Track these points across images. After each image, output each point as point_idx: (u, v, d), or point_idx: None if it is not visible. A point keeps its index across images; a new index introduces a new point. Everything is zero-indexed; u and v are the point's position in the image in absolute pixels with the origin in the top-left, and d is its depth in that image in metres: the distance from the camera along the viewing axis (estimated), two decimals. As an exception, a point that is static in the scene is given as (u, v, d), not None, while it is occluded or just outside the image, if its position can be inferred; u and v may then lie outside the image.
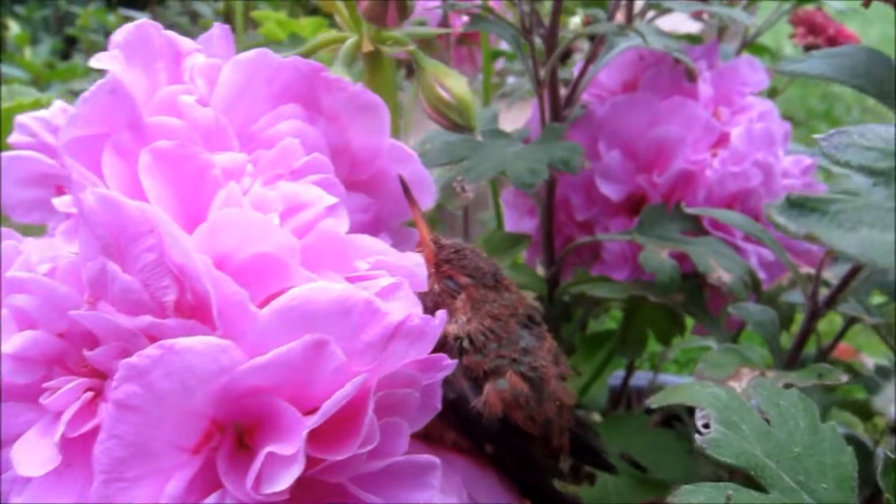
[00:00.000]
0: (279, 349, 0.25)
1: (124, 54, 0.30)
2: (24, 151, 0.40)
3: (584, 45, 0.90)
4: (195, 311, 0.27)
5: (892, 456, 0.31)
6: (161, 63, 0.32)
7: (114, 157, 0.29)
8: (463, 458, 0.39)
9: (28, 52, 1.69)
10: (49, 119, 0.40)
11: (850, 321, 0.70)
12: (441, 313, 0.29)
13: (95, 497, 0.25)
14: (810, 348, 0.85)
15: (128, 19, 0.54)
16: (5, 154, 0.40)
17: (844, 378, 0.41)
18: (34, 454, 0.27)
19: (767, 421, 0.35)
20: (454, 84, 0.40)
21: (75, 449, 0.28)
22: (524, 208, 0.70)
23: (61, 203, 0.35)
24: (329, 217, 0.32)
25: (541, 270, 0.69)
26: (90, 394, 0.28)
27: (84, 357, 0.29)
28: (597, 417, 0.79)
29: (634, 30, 0.52)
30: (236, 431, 0.29)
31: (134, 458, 0.25)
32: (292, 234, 0.29)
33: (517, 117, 0.76)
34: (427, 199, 0.38)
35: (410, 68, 0.99)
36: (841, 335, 0.73)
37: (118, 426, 0.24)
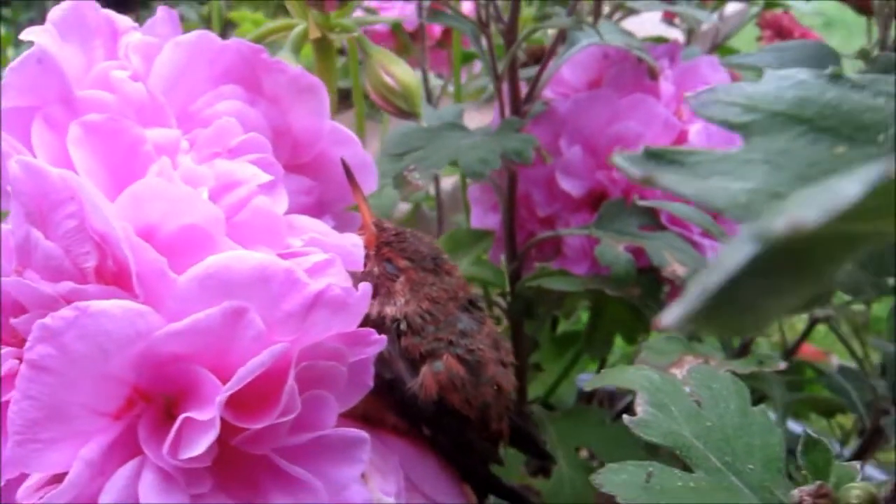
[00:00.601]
0: (197, 315, 0.26)
1: (59, 30, 0.31)
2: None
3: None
4: (116, 279, 0.27)
5: (814, 435, 0.31)
6: (98, 41, 0.32)
7: (44, 129, 0.29)
8: (402, 440, 0.39)
9: (11, 53, 1.69)
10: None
11: (814, 322, 0.70)
12: (364, 285, 0.30)
13: (10, 457, 0.25)
14: (776, 349, 0.86)
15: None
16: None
17: (783, 365, 0.41)
18: (-43, 420, 0.28)
19: (699, 404, 0.35)
20: (399, 70, 0.40)
21: (3, 419, 0.29)
22: (489, 204, 0.70)
23: None
24: (263, 195, 0.32)
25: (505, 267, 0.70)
26: (16, 362, 0.28)
27: (13, 328, 0.30)
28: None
29: (590, 25, 0.52)
30: (165, 403, 0.29)
31: (48, 419, 0.25)
32: (220, 208, 0.29)
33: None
34: (369, 183, 0.39)
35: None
36: (805, 335, 0.74)
37: (31, 387, 0.24)
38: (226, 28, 1.18)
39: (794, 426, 0.80)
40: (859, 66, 0.51)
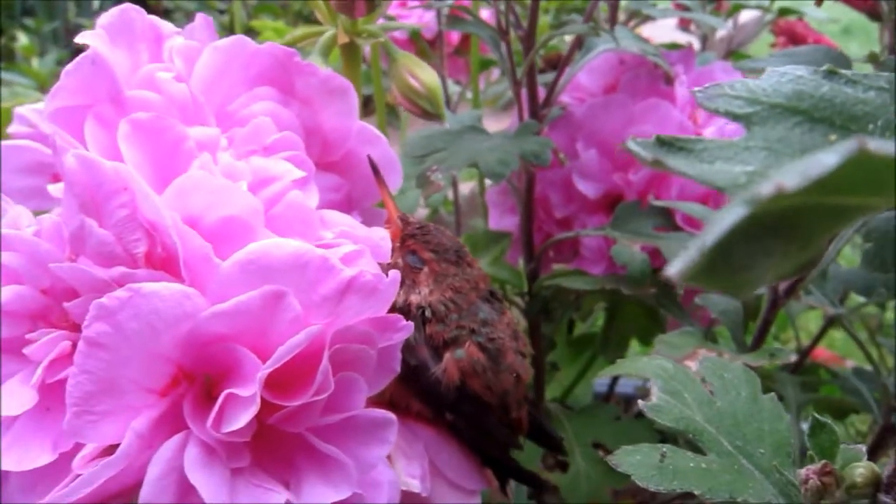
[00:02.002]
0: (239, 297, 0.28)
1: (108, 35, 0.33)
2: (22, 141, 0.42)
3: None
4: (164, 264, 0.29)
5: (821, 419, 0.33)
6: (143, 44, 0.34)
7: (95, 126, 0.31)
8: (426, 427, 0.41)
9: (35, 63, 1.73)
10: (47, 110, 0.43)
11: (829, 322, 0.72)
12: (394, 273, 0.31)
13: (67, 428, 0.27)
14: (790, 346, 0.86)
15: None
16: (4, 143, 0.43)
17: (794, 357, 0.43)
18: (15, 397, 0.30)
19: (711, 392, 0.37)
20: (424, 74, 0.42)
21: (54, 396, 0.31)
22: (506, 206, 0.72)
23: (56, 189, 0.38)
24: (297, 189, 0.34)
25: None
26: (68, 343, 0.31)
27: (65, 312, 0.32)
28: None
29: (606, 31, 0.54)
30: (205, 383, 0.31)
31: (103, 393, 0.27)
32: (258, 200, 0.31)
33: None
34: (395, 180, 0.41)
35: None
36: (819, 337, 0.75)
37: (88, 362, 0.26)
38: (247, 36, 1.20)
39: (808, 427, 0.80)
40: (870, 69, 0.53)
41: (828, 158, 0.12)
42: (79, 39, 0.31)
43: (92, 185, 0.28)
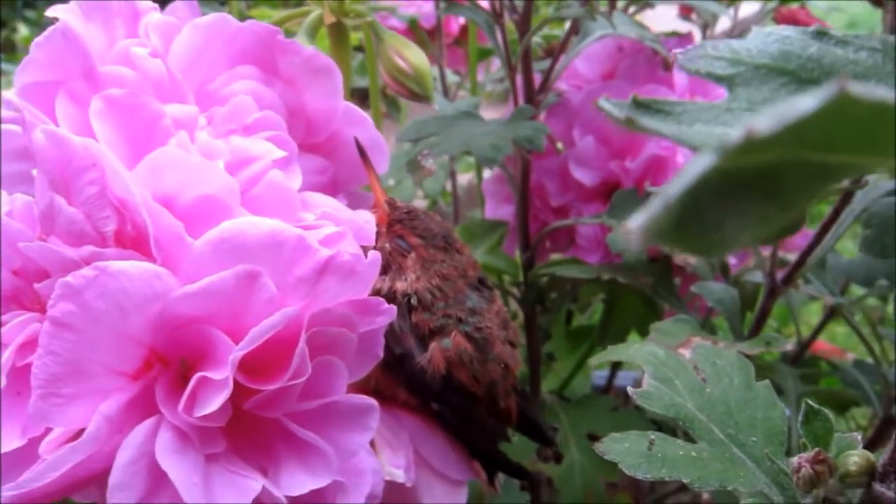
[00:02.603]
0: (211, 277, 0.27)
1: (82, 10, 0.32)
2: (7, 126, 0.42)
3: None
4: (135, 243, 0.28)
5: (815, 406, 0.32)
6: (119, 20, 0.33)
7: (67, 103, 0.30)
8: (413, 417, 0.40)
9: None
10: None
11: (830, 312, 0.70)
12: (373, 254, 0.31)
13: (33, 411, 0.26)
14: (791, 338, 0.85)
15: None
16: (-10, 127, 0.42)
17: (790, 345, 0.42)
18: (-17, 381, 0.29)
19: (703, 379, 0.36)
20: (412, 55, 0.41)
21: (24, 380, 0.30)
22: (502, 196, 0.71)
23: (17, 195, 0.37)
24: (278, 170, 0.33)
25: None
26: (39, 326, 0.30)
27: (38, 295, 0.31)
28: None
29: (602, 15, 0.53)
30: (181, 367, 0.30)
31: (69, 375, 0.26)
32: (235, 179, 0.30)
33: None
34: (382, 163, 0.40)
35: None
36: (821, 327, 0.74)
37: (53, 342, 0.25)
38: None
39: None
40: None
41: (805, 103, 0.11)
42: (49, 13, 0.30)
43: (61, 162, 0.28)
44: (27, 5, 2.16)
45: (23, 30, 1.90)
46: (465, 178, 1.08)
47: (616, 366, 0.86)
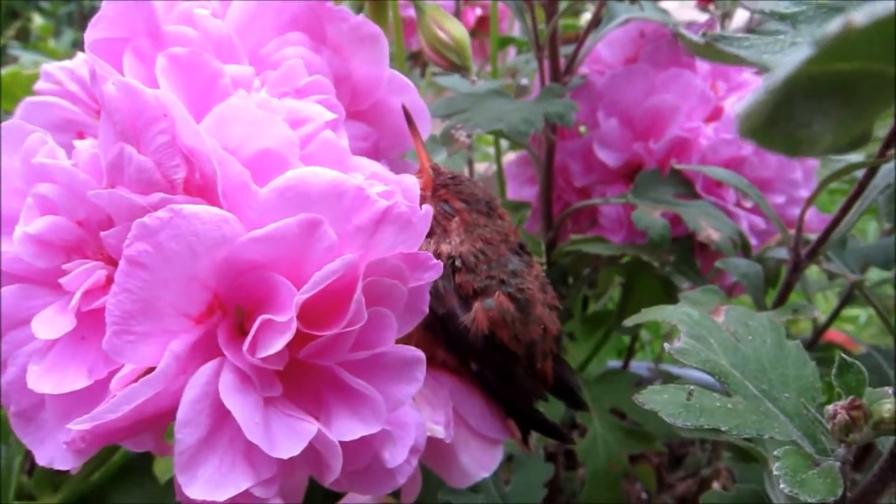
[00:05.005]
0: (276, 223, 0.28)
1: (147, -29, 0.33)
2: (48, 97, 0.43)
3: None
4: (202, 191, 0.29)
5: (847, 359, 0.33)
6: (179, -17, 0.34)
7: (133, 59, 0.31)
8: (451, 377, 0.41)
9: (51, 43, 1.74)
10: (73, 69, 0.43)
11: (850, 291, 0.71)
12: (426, 207, 0.32)
13: (107, 347, 0.27)
14: (806, 331, 0.86)
15: None
16: (31, 99, 0.43)
17: (817, 313, 0.43)
18: (52, 323, 0.30)
19: (736, 338, 0.37)
20: (452, 27, 0.42)
21: (88, 325, 0.31)
22: (525, 177, 0.72)
23: (82, 146, 0.38)
24: (329, 130, 0.35)
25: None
26: (104, 272, 0.31)
27: (100, 245, 0.32)
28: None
29: (630, -3, 0.54)
30: (237, 315, 0.32)
31: (141, 313, 0.27)
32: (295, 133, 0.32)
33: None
34: (425, 130, 0.41)
35: (425, 64, 1.02)
36: (840, 309, 0.75)
37: (129, 280, 0.27)
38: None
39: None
40: None
41: (890, 4, 0.12)
42: (117, -27, 0.31)
43: (132, 112, 0.29)
44: (42, -5, 2.18)
45: (37, 20, 1.92)
46: (482, 167, 1.09)
47: (629, 355, 0.87)
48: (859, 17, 0.12)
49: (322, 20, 0.38)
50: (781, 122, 0.13)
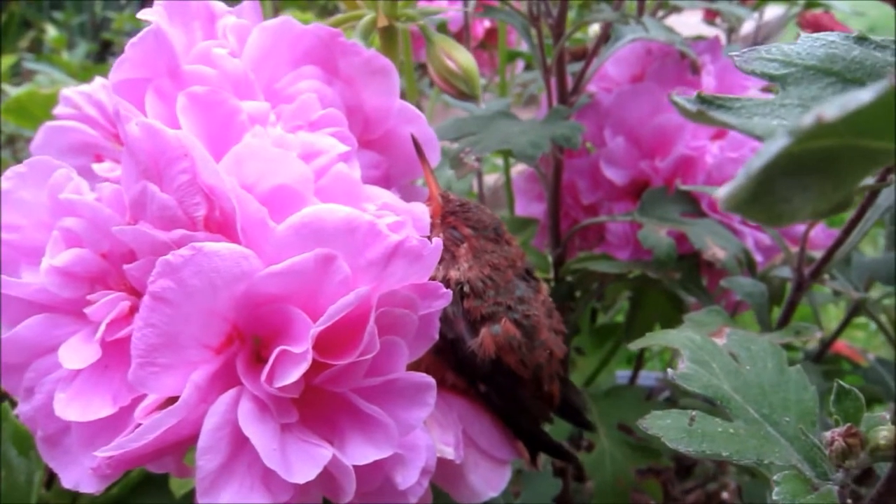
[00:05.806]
0: (293, 259, 0.29)
1: (166, 12, 0.34)
2: (67, 122, 0.44)
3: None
4: (221, 228, 0.31)
5: (845, 386, 0.34)
6: (197, 22, 0.36)
7: (155, 99, 0.33)
8: (461, 399, 0.42)
9: (64, 55, 1.76)
10: (91, 93, 0.44)
11: (855, 308, 0.72)
12: (436, 240, 0.33)
13: (132, 378, 0.28)
14: (814, 341, 0.87)
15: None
16: (50, 124, 0.44)
17: (819, 334, 0.44)
18: (78, 352, 0.32)
19: (737, 361, 0.38)
20: (461, 56, 0.44)
21: (112, 355, 0.32)
22: (533, 194, 0.73)
23: (100, 169, 0.39)
24: (342, 163, 0.36)
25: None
26: (127, 304, 0.32)
27: (123, 276, 0.33)
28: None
29: (635, 18, 0.55)
30: (254, 344, 0.33)
31: (165, 346, 0.28)
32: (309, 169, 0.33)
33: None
34: (434, 158, 0.42)
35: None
36: (845, 323, 0.75)
37: (153, 316, 0.28)
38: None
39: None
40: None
41: (864, 95, 0.13)
42: (141, 16, 0.33)
43: (154, 152, 0.30)
44: (54, 7, 2.21)
45: (51, 31, 1.95)
46: (491, 179, 1.11)
47: (638, 365, 0.88)
48: (830, 111, 0.13)
49: (335, 53, 0.39)
50: (763, 197, 0.14)
